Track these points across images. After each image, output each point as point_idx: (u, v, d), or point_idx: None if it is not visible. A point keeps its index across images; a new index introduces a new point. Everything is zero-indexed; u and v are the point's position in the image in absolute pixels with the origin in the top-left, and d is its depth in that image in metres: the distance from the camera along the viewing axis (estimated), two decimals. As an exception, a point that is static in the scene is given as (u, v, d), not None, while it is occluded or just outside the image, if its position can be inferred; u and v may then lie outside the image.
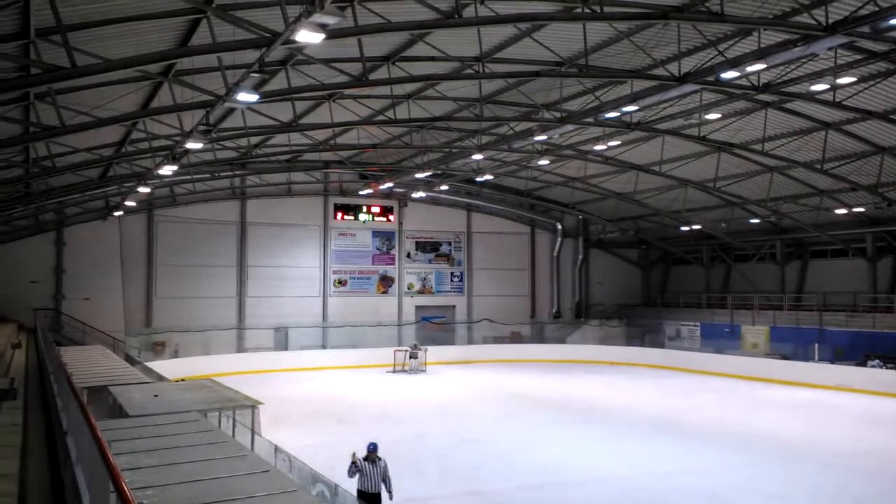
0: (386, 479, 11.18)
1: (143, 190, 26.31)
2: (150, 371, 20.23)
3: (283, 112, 22.19)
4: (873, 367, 28.02)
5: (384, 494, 11.20)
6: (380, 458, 11.29)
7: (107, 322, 33.70)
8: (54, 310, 34.14)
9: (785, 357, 31.96)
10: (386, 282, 42.28)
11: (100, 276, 34.84)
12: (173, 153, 21.02)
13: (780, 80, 19.24)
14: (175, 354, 32.79)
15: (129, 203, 30.15)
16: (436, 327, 42.20)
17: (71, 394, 6.84)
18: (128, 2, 12.92)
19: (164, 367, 25.30)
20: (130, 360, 23.84)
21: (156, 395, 12.66)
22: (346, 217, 41.32)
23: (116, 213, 33.68)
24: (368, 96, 22.27)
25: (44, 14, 11.79)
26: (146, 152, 22.82)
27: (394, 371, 34.10)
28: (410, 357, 34.31)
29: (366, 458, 11.22)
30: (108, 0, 12.73)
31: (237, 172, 32.78)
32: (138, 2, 13.02)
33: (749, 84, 19.44)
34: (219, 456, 7.76)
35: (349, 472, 11.11)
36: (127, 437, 8.54)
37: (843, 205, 31.23)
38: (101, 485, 4.29)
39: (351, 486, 11.02)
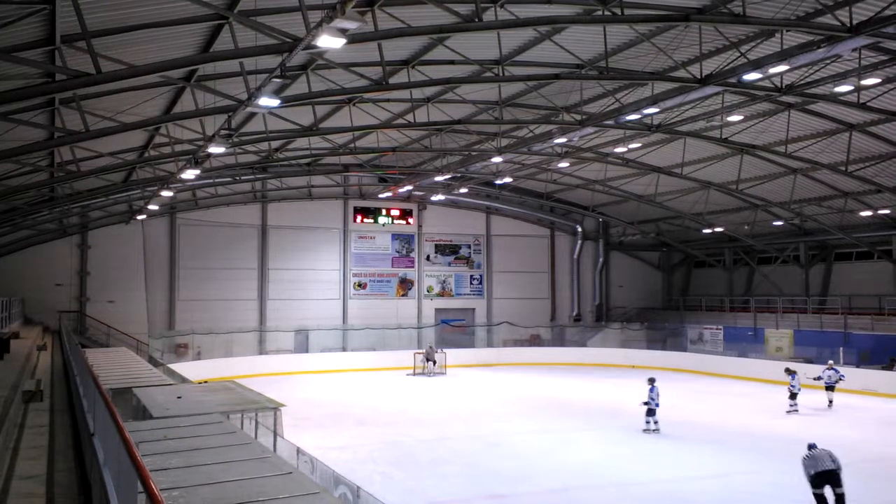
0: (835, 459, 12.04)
1: (166, 194, 26.56)
2: (172, 373, 20.45)
3: (304, 116, 22.35)
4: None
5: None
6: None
7: (130, 324, 34.13)
8: (79, 312, 34.59)
9: (809, 361, 31.60)
10: (405, 284, 42.35)
11: (123, 278, 35.26)
12: (195, 157, 21.22)
13: (803, 82, 19.07)
14: (197, 356, 33.12)
15: (152, 207, 30.46)
16: (455, 330, 42.22)
17: (98, 396, 6.93)
18: (151, 8, 13.06)
19: (187, 369, 25.55)
20: (154, 362, 24.10)
21: (179, 397, 12.77)
22: (365, 220, 41.48)
23: (139, 217, 34.04)
24: (388, 100, 22.35)
25: (69, 21, 11.96)
26: (169, 156, 23.07)
27: (413, 374, 34.17)
28: (427, 360, 34.36)
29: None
30: (131, 7, 12.88)
31: (258, 176, 33.03)
32: (161, 8, 13.16)
33: (772, 86, 19.28)
34: (242, 458, 7.82)
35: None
36: (151, 439, 8.64)
37: (868, 207, 30.85)
38: (129, 486, 4.34)
39: (373, 490, 11.04)
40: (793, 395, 23.64)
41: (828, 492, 11.84)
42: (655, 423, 20.18)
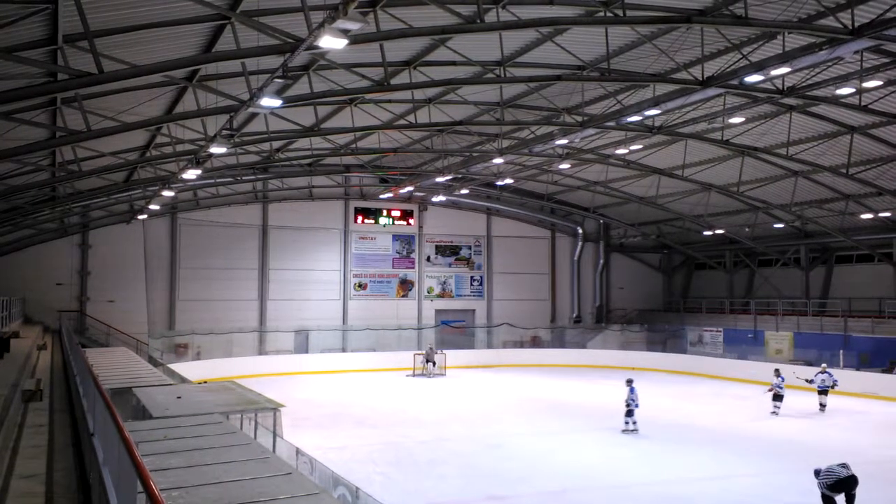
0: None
1: (167, 194, 26.56)
2: (172, 373, 20.46)
3: (306, 116, 22.35)
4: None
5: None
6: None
7: (130, 324, 34.10)
8: (79, 312, 34.58)
9: (809, 363, 31.57)
10: (406, 285, 42.34)
11: (124, 278, 35.25)
12: (197, 157, 21.21)
13: (804, 84, 19.07)
14: (197, 357, 33.11)
15: (153, 206, 30.45)
16: (455, 331, 42.20)
17: (98, 395, 6.92)
18: (154, 8, 13.06)
19: (187, 369, 25.56)
20: (153, 361, 24.11)
21: (179, 397, 12.78)
22: (366, 221, 41.48)
23: (140, 217, 34.04)
24: (390, 101, 22.35)
25: (71, 21, 11.97)
26: (170, 156, 23.07)
27: (413, 375, 34.16)
28: (427, 361, 34.38)
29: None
30: (134, 7, 12.88)
31: (259, 176, 33.04)
32: (164, 8, 13.17)
33: (773, 88, 19.28)
34: (242, 458, 7.82)
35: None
36: (151, 439, 8.64)
37: (869, 209, 30.84)
38: (129, 486, 4.34)
39: (372, 491, 11.03)
40: (777, 397, 23.49)
41: (840, 497, 11.98)
42: (634, 423, 20.47)
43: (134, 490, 4.22)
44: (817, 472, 12.17)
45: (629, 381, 21.18)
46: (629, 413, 20.52)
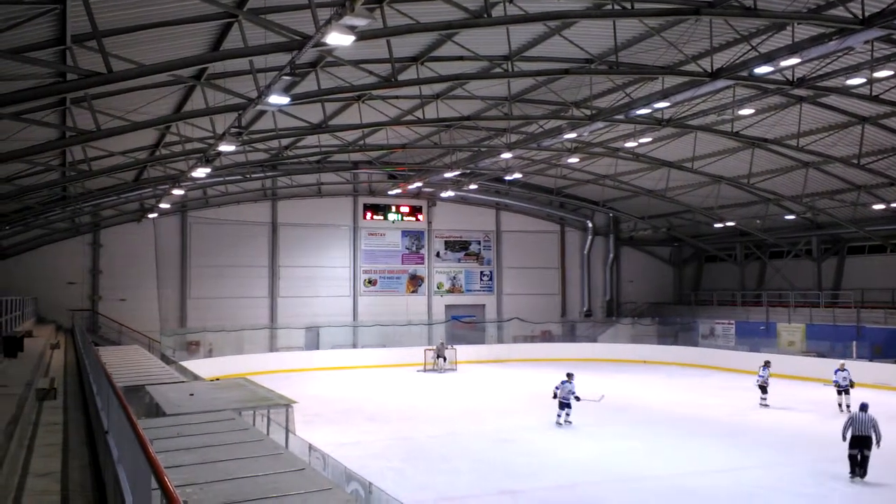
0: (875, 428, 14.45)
1: (177, 192, 26.69)
2: (185, 370, 20.56)
3: (313, 113, 22.38)
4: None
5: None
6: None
7: (142, 322, 34.30)
8: (91, 310, 34.79)
9: (822, 355, 31.41)
10: (415, 281, 42.38)
11: (135, 277, 35.45)
12: (206, 156, 21.28)
13: (815, 75, 18.93)
14: (209, 354, 33.24)
15: (163, 205, 30.59)
16: (466, 326, 42.21)
17: (112, 394, 6.97)
18: (161, 7, 13.09)
19: (199, 366, 25.69)
20: (166, 359, 24.24)
21: (191, 395, 12.85)
22: (375, 217, 41.52)
23: (151, 215, 34.20)
24: (397, 97, 22.34)
25: (80, 21, 12.01)
26: (179, 155, 23.15)
27: (424, 370, 34.20)
28: (438, 356, 34.42)
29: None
30: (142, 6, 12.92)
31: (268, 174, 33.09)
32: (171, 7, 13.19)
33: (783, 79, 19.15)
34: (255, 454, 7.86)
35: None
36: (165, 436, 8.69)
37: (881, 200, 30.61)
38: (144, 482, 4.37)
39: (385, 486, 11.07)
40: (761, 389, 23.93)
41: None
42: (566, 416, 20.68)
43: (148, 487, 4.25)
44: (863, 407, 14.44)
45: (570, 375, 21.34)
46: (567, 406, 20.69)
